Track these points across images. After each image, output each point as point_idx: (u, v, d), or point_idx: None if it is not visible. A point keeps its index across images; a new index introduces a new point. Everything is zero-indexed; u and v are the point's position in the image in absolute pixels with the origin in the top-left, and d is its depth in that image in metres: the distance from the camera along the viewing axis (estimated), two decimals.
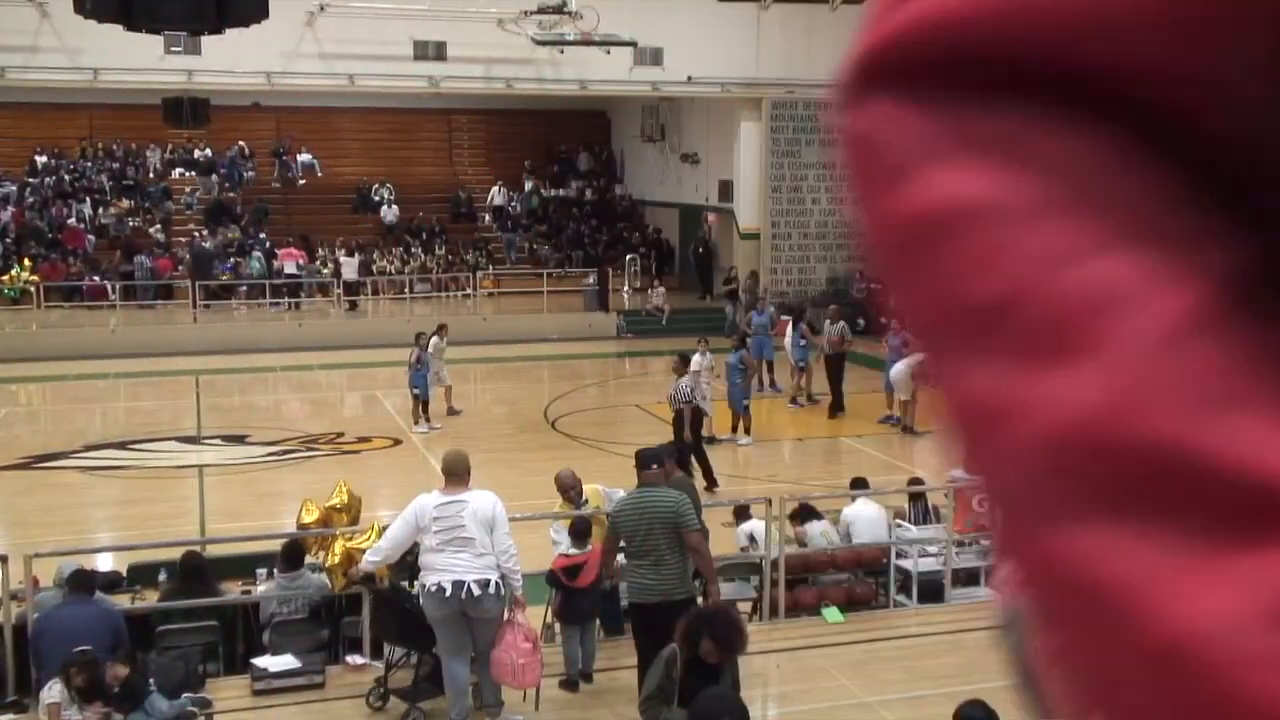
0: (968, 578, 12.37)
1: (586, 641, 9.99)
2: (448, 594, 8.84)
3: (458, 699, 9.09)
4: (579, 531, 10.10)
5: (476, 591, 8.85)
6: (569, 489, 11.31)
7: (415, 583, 9.50)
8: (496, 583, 8.90)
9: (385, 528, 10.30)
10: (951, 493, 12.27)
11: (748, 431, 20.26)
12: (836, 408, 22.40)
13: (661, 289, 33.50)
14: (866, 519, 12.27)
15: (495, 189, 41.52)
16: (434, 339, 22.20)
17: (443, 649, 9.18)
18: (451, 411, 22.11)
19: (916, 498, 13.07)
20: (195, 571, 10.50)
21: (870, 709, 9.53)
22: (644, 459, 9.62)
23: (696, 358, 19.94)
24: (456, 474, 9.23)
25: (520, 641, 9.02)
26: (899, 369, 24.10)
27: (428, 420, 21.33)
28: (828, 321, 22.87)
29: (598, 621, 10.38)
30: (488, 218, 40.33)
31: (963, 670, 10.27)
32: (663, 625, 8.82)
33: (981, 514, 11.93)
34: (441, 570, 8.92)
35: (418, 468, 18.60)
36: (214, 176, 39.18)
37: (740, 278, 32.22)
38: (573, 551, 9.94)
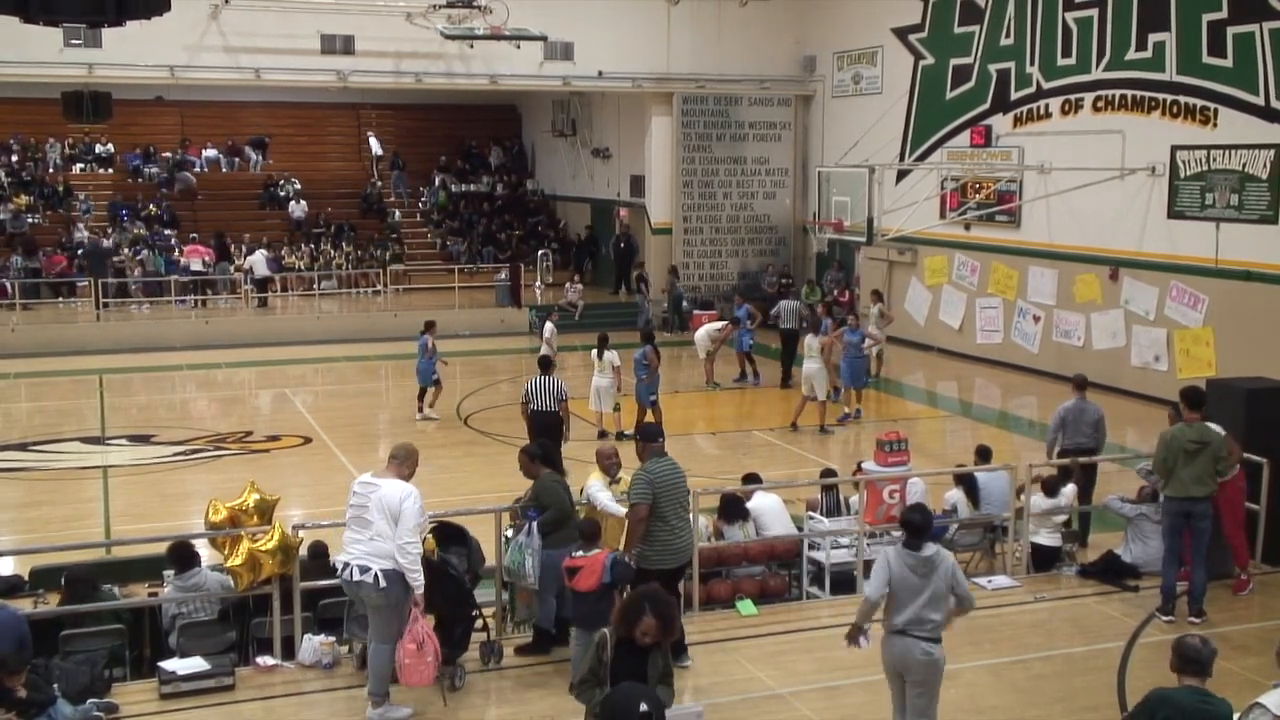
0: None
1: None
2: (339, 573, 9.15)
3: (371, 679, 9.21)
4: (587, 534, 10.01)
5: (357, 576, 8.92)
6: (609, 458, 11.41)
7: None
8: (379, 573, 8.85)
9: (289, 530, 10.23)
10: (862, 484, 12.39)
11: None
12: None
13: (579, 285, 33.49)
14: (771, 509, 12.37)
15: (370, 138, 41.56)
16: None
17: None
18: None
19: (828, 489, 13.17)
20: (80, 584, 10.26)
21: (783, 700, 9.60)
22: (653, 433, 10.33)
23: (609, 355, 20.02)
24: (393, 458, 9.24)
25: (407, 641, 8.96)
26: (700, 334, 24.76)
27: (431, 406, 21.73)
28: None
29: None
30: (396, 214, 40.00)
31: (874, 660, 10.35)
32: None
33: (892, 505, 12.10)
34: (343, 548, 9.14)
35: (329, 466, 18.44)
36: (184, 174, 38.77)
37: (656, 273, 32.33)
38: (578, 554, 9.83)
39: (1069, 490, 13.13)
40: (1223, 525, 12.01)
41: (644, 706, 6.73)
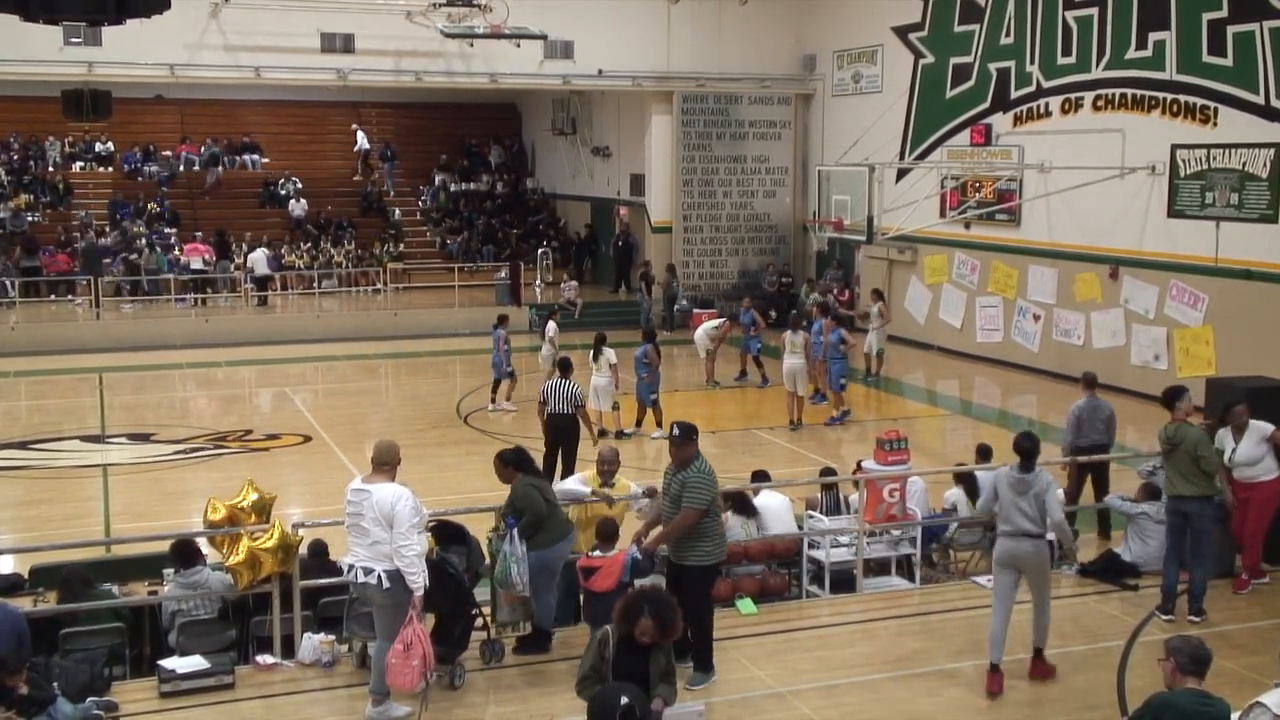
0: (879, 568, 12.51)
1: None
2: (346, 574, 9.25)
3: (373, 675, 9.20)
4: (605, 535, 9.98)
5: (361, 578, 9.01)
6: (607, 463, 11.30)
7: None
8: (382, 573, 8.89)
9: (289, 529, 10.23)
10: (862, 483, 12.38)
11: (659, 425, 20.29)
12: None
13: (574, 283, 33.48)
14: (774, 510, 12.36)
15: (357, 132, 41.76)
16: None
17: None
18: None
19: (828, 488, 13.15)
20: (74, 583, 10.24)
21: (783, 699, 9.59)
22: (692, 431, 9.74)
23: (606, 353, 20.02)
24: (378, 461, 9.21)
25: (396, 642, 8.90)
26: (699, 333, 24.89)
27: (508, 399, 21.98)
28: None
29: None
30: (396, 212, 39.99)
31: (874, 659, 10.40)
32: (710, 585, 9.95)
33: (891, 504, 12.09)
34: (349, 551, 9.20)
35: (329, 464, 18.43)
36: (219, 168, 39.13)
37: (658, 271, 32.32)
38: (595, 554, 9.78)
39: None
40: (1248, 524, 12.03)
41: (624, 699, 6.72)
